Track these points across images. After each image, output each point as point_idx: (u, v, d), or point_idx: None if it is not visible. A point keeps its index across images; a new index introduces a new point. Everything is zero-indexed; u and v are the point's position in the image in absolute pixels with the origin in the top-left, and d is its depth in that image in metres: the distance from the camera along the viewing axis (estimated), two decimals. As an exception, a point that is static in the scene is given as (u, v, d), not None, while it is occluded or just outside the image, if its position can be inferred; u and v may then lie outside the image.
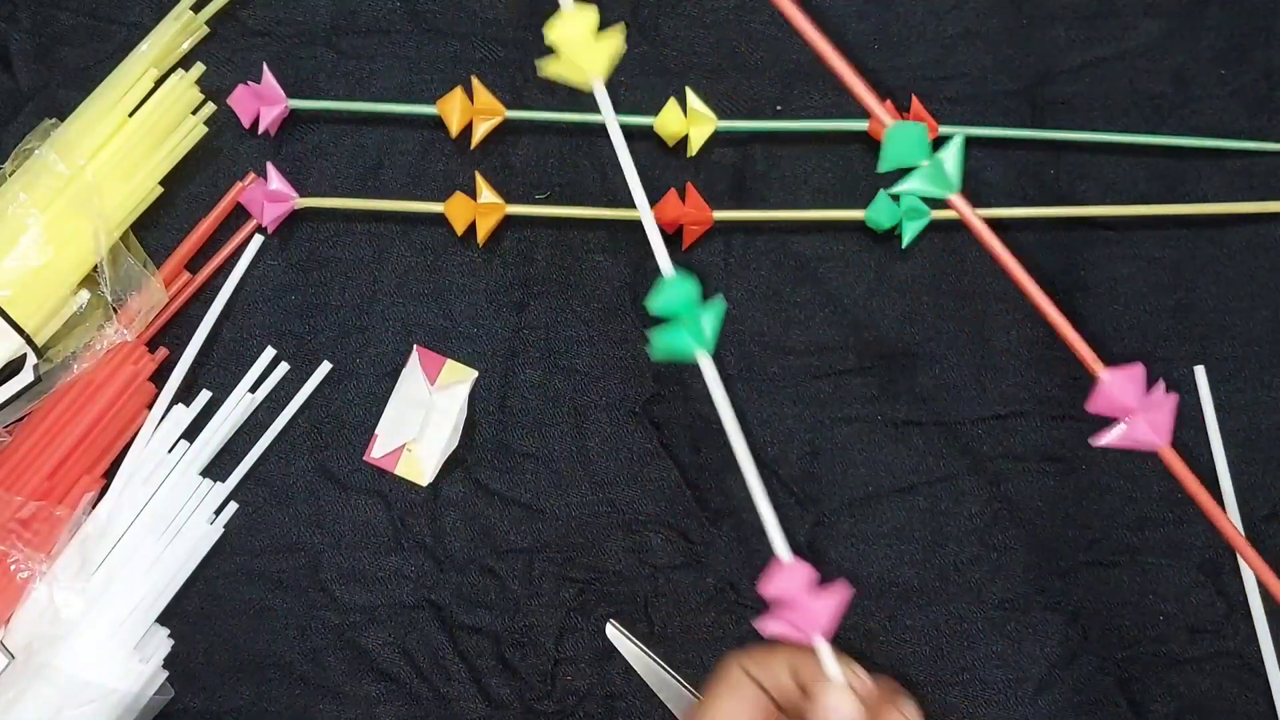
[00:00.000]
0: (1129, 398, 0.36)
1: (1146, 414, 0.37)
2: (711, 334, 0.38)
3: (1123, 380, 0.37)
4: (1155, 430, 0.37)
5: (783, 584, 0.38)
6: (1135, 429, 0.37)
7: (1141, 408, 0.37)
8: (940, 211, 0.53)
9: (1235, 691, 0.51)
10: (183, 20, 0.55)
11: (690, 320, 0.38)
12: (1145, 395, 0.37)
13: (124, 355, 0.52)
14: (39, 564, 0.50)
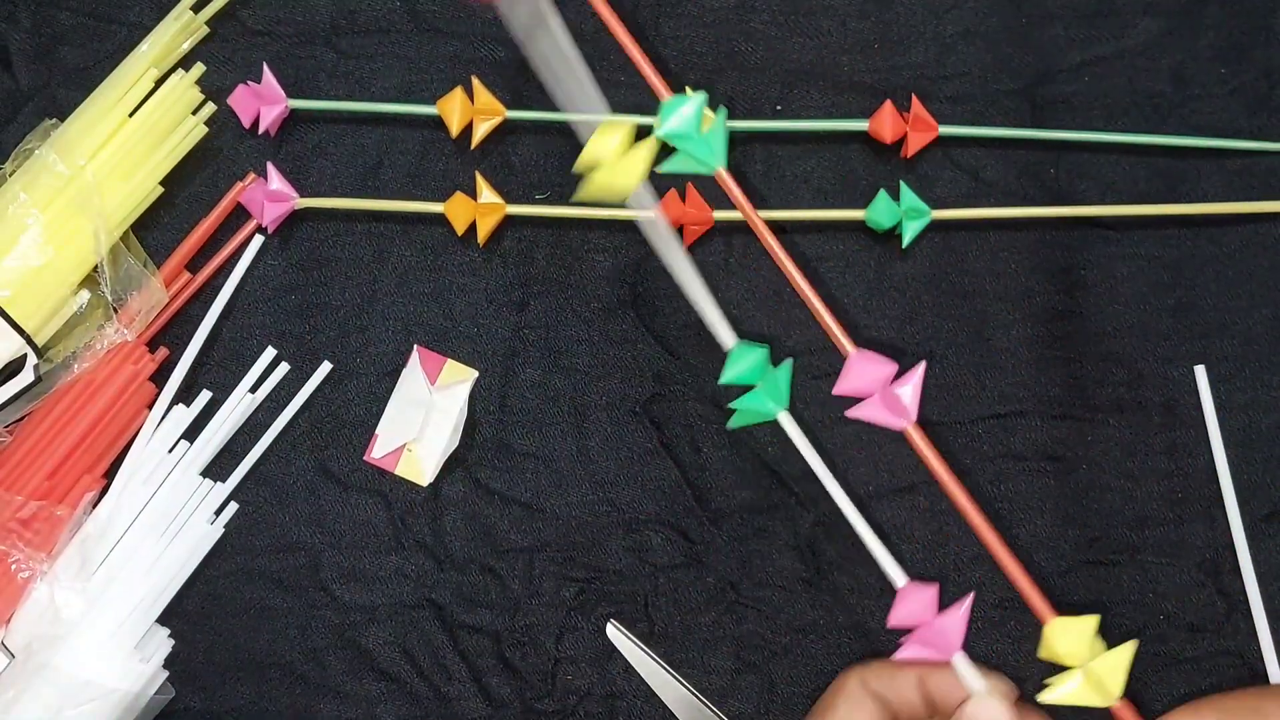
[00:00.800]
0: (870, 379, 0.38)
1: (885, 395, 0.39)
2: (787, 391, 0.39)
3: (866, 361, 0.38)
4: (895, 411, 0.38)
5: (909, 609, 0.38)
6: (876, 408, 0.39)
7: (881, 388, 0.39)
8: (940, 211, 0.53)
9: (1235, 691, 0.51)
10: (183, 20, 0.55)
11: (767, 384, 0.38)
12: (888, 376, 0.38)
13: (124, 355, 0.52)
14: (39, 564, 0.50)
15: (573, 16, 0.56)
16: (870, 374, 0.39)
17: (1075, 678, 0.37)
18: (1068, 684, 0.37)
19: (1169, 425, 0.53)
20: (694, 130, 0.39)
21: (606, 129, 0.38)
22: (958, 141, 0.54)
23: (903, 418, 0.39)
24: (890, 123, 0.53)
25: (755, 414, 0.39)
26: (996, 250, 0.54)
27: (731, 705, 0.51)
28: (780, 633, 0.52)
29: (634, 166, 0.38)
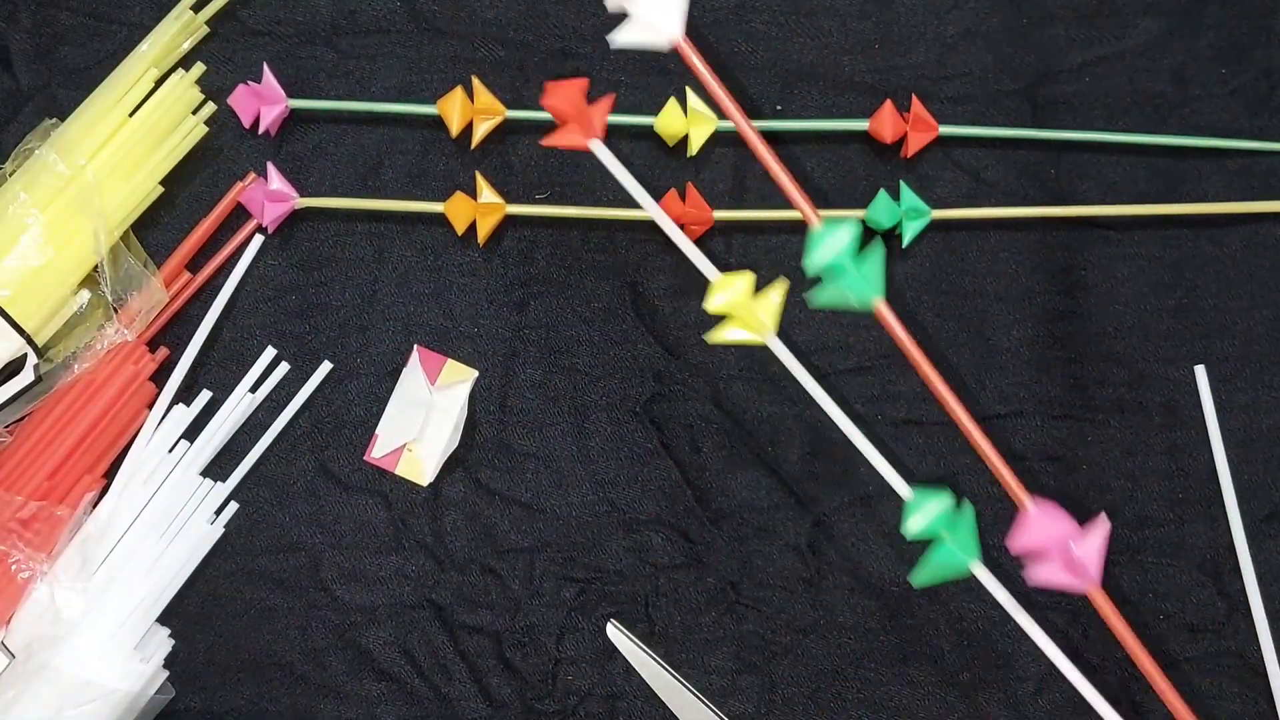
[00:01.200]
0: (1049, 537, 0.36)
1: (1066, 558, 0.36)
2: (974, 539, 0.37)
3: (1046, 517, 0.36)
4: (1076, 573, 0.35)
5: (1037, 532, 0.36)
6: (1056, 571, 0.36)
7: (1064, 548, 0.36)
8: (940, 211, 0.53)
9: (1235, 691, 0.51)
10: (183, 20, 0.55)
11: (955, 534, 0.37)
12: (1070, 533, 0.36)
13: (124, 355, 0.52)
14: (39, 564, 0.50)
15: (572, 17, 0.56)
16: (1049, 531, 0.36)
17: (733, 324, 0.38)
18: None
19: (1169, 425, 0.53)
20: (848, 261, 0.37)
21: (727, 279, 0.38)
22: (958, 141, 0.54)
23: (1084, 579, 0.36)
24: (890, 123, 0.53)
25: (943, 571, 0.37)
26: (996, 250, 0.54)
27: (731, 705, 0.51)
28: (780, 633, 0.52)
29: (768, 309, 0.38)
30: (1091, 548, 0.35)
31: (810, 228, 0.37)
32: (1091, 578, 0.35)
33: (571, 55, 0.56)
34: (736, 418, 0.53)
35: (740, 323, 0.38)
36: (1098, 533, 0.35)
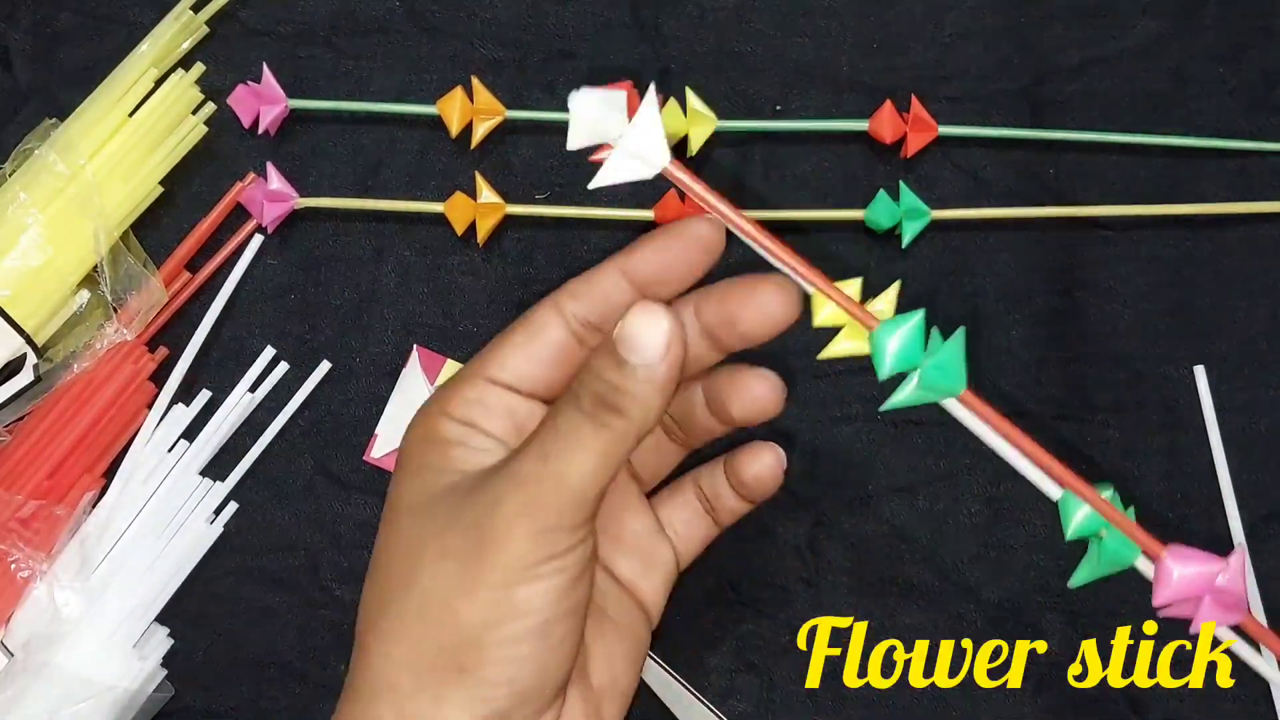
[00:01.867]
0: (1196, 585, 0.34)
1: (1214, 595, 0.34)
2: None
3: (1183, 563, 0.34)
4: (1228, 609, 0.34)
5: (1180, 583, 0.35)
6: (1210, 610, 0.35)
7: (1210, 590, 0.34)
8: (940, 211, 0.53)
9: (1235, 691, 0.51)
10: (183, 20, 0.55)
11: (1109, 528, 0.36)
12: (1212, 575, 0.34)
13: (124, 355, 0.52)
14: (39, 563, 0.50)
15: (572, 17, 0.56)
16: (1192, 576, 0.35)
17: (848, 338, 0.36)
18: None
19: (1168, 425, 0.53)
20: (922, 356, 0.34)
21: (819, 299, 0.35)
22: (958, 141, 0.55)
23: (1238, 612, 0.35)
24: (890, 123, 0.53)
25: (1110, 563, 0.36)
26: (996, 250, 0.54)
27: (732, 705, 0.51)
28: (780, 633, 0.52)
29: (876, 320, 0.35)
30: (1235, 576, 0.34)
31: (869, 332, 0.34)
32: (1243, 607, 0.34)
33: (571, 55, 0.56)
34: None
35: (852, 333, 0.35)
36: (1236, 560, 0.34)
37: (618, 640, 0.35)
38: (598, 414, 0.31)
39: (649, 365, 0.31)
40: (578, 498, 0.31)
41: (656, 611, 0.37)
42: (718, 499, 0.36)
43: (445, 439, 0.33)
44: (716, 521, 0.37)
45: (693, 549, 0.37)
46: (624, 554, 0.36)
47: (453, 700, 0.31)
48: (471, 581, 0.30)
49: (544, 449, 0.31)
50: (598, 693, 0.34)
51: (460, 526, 0.31)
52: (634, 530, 0.36)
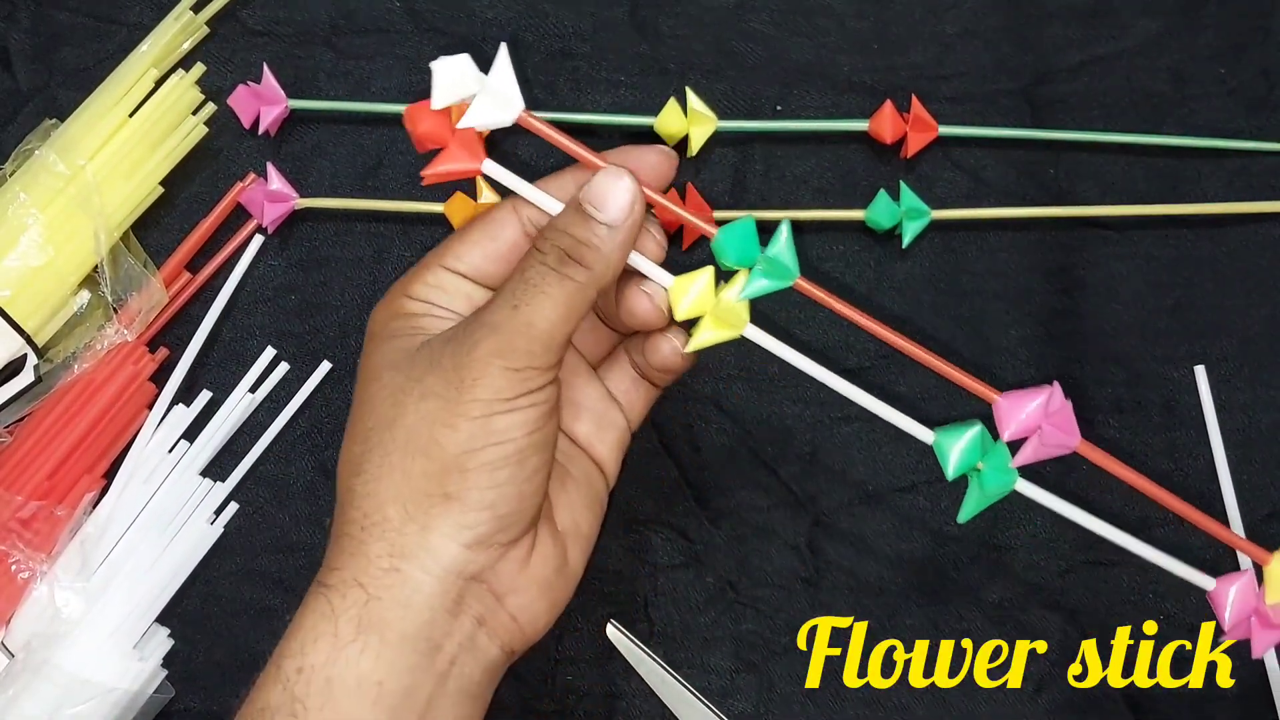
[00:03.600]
0: (1029, 416, 0.37)
1: (1048, 424, 0.38)
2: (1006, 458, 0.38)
3: (1016, 402, 0.37)
4: (1064, 433, 0.37)
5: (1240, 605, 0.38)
6: (1045, 440, 0.38)
7: (1044, 421, 0.38)
8: (940, 211, 0.53)
9: (1235, 691, 0.51)
10: (183, 20, 0.55)
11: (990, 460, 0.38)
12: (1044, 409, 0.37)
13: (124, 355, 0.52)
14: (39, 564, 0.50)
15: (572, 17, 0.57)
16: (1022, 409, 0.38)
17: (708, 324, 0.37)
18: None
19: (1169, 425, 0.53)
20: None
21: (685, 281, 0.37)
22: (957, 141, 0.55)
23: (1072, 436, 0.38)
24: (890, 123, 0.53)
25: (992, 493, 0.38)
26: (996, 250, 0.55)
27: (731, 705, 0.51)
28: (780, 633, 0.52)
29: (735, 300, 0.37)
30: (1056, 399, 0.38)
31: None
32: (1074, 433, 0.38)
33: (571, 55, 0.56)
34: (736, 418, 0.53)
35: (716, 322, 0.37)
36: (1056, 389, 0.38)
37: (578, 492, 0.38)
38: (563, 266, 0.34)
39: (613, 222, 0.35)
40: (546, 341, 0.34)
41: (612, 470, 0.40)
42: (648, 369, 0.38)
43: (411, 313, 0.36)
44: (654, 385, 0.41)
45: (639, 411, 0.41)
46: (580, 418, 0.39)
47: (439, 528, 0.34)
48: (453, 414, 0.33)
49: (514, 299, 0.34)
50: (564, 536, 0.37)
51: (440, 370, 0.34)
52: (587, 396, 0.40)
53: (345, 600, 0.34)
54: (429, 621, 0.34)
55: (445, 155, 0.37)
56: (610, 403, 0.40)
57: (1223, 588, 0.38)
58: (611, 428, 0.40)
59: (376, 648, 0.34)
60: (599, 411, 0.40)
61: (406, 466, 0.34)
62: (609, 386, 0.40)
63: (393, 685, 0.33)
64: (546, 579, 0.36)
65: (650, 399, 0.41)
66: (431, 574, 0.34)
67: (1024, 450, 0.38)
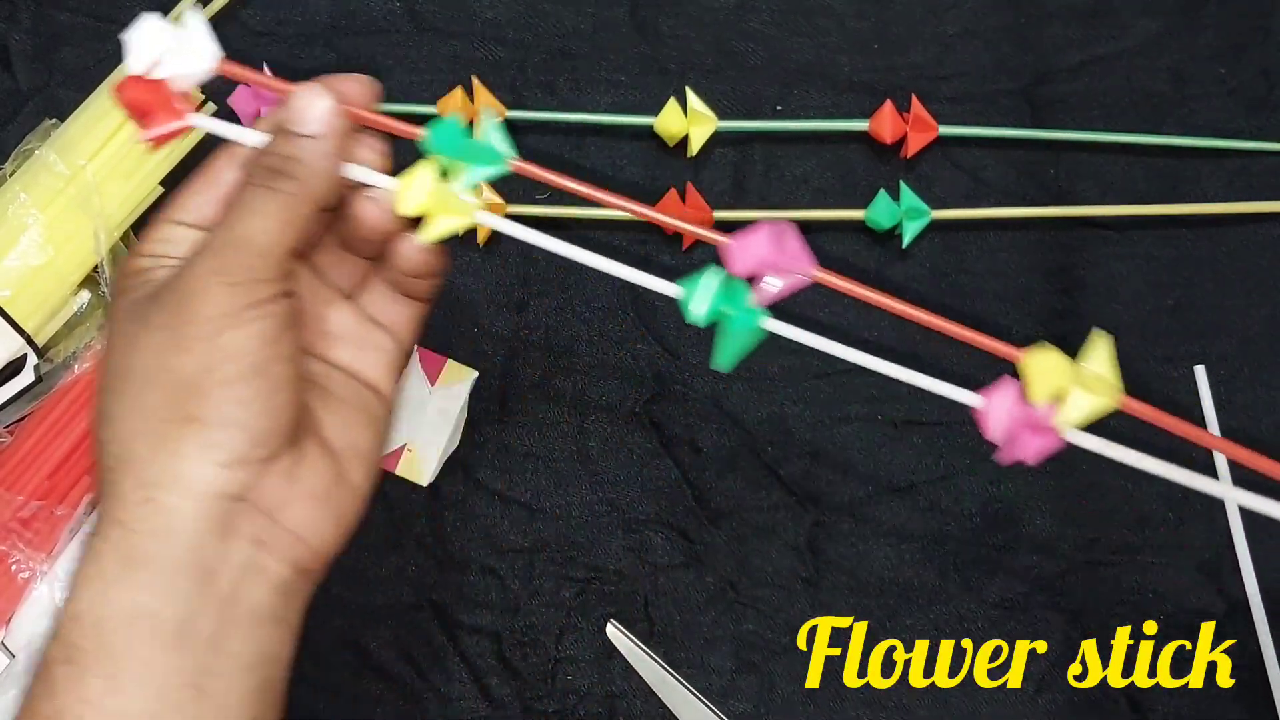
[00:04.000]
0: (760, 250, 0.37)
1: (780, 257, 0.37)
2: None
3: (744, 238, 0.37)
4: (799, 263, 0.37)
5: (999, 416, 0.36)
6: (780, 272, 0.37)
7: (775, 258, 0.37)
8: (940, 211, 0.53)
9: (1235, 691, 0.51)
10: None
11: (734, 303, 0.38)
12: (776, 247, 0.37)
13: (124, 355, 0.52)
14: (39, 564, 0.50)
15: (571, 17, 0.57)
16: (750, 245, 0.37)
17: (1076, 395, 0.36)
18: (1075, 403, 0.36)
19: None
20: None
21: (408, 176, 0.37)
22: (958, 141, 0.55)
23: (806, 265, 0.37)
24: (890, 123, 0.53)
25: (744, 336, 0.38)
26: (996, 250, 0.55)
27: (731, 705, 0.51)
28: (780, 633, 0.52)
29: (462, 196, 0.38)
30: (788, 235, 0.37)
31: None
32: (806, 260, 0.37)
33: (571, 55, 0.56)
34: (736, 418, 0.53)
35: (443, 211, 0.38)
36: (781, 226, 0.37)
37: (349, 412, 0.38)
38: (271, 181, 0.35)
39: (312, 133, 0.36)
40: (263, 253, 0.34)
41: (387, 390, 0.40)
42: (401, 281, 0.40)
43: (141, 268, 0.37)
44: (416, 299, 0.41)
45: (406, 329, 0.41)
46: (338, 345, 0.40)
47: (188, 452, 0.33)
48: (180, 339, 0.34)
49: (228, 221, 0.35)
50: (339, 453, 0.37)
51: (162, 303, 0.34)
52: (342, 323, 0.40)
53: (108, 541, 0.34)
54: (196, 547, 0.33)
55: (152, 117, 0.38)
56: (371, 326, 0.40)
57: (989, 402, 0.37)
58: (375, 349, 0.40)
59: (144, 580, 0.33)
60: (359, 336, 0.40)
61: (145, 401, 0.34)
62: (369, 311, 0.41)
63: (169, 614, 0.33)
64: (321, 491, 0.36)
65: (416, 315, 0.41)
66: (188, 499, 0.33)
67: (764, 290, 0.38)
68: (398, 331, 0.40)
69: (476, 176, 0.38)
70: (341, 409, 0.38)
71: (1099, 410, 0.36)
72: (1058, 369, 0.36)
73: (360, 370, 0.39)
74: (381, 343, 0.40)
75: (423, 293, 0.41)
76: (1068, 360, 0.36)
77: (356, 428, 0.38)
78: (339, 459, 0.37)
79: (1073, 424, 0.37)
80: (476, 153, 0.38)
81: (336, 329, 0.40)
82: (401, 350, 0.41)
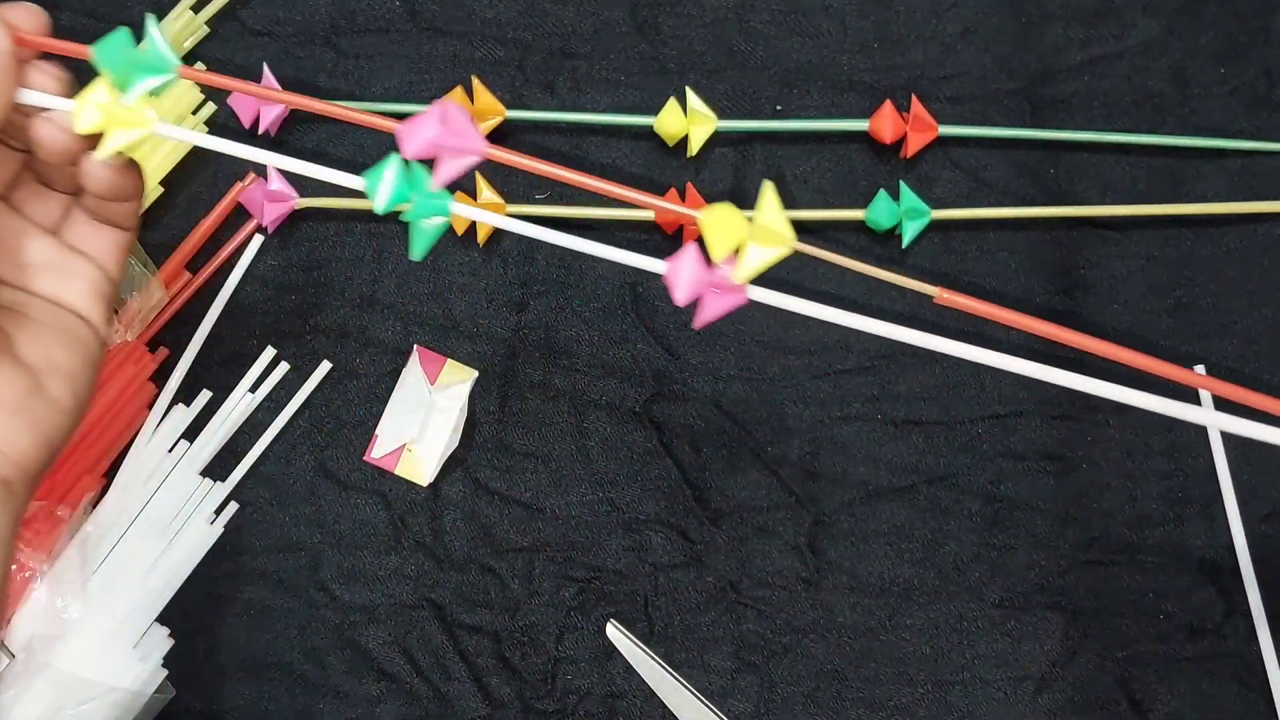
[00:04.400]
0: (427, 131, 0.37)
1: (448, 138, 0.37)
2: None
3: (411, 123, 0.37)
4: (467, 140, 0.37)
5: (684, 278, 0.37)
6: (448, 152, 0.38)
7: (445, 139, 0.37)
8: (940, 211, 0.53)
9: (1235, 691, 0.51)
10: (183, 20, 0.55)
11: (418, 189, 0.38)
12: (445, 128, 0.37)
13: (124, 355, 0.52)
14: (39, 564, 0.50)
15: (571, 16, 0.57)
16: (424, 131, 0.38)
17: (751, 248, 0.36)
18: (749, 256, 0.36)
19: (1169, 425, 0.53)
20: (128, 57, 0.38)
21: (84, 93, 0.37)
22: (958, 141, 0.55)
23: (474, 141, 0.38)
24: (890, 123, 0.53)
25: (433, 230, 0.38)
26: (996, 250, 0.55)
27: (731, 705, 0.51)
28: (780, 633, 0.52)
29: (135, 108, 0.38)
30: (455, 116, 0.38)
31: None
32: (475, 138, 0.38)
33: (571, 55, 0.56)
34: (736, 418, 0.53)
35: (118, 124, 0.38)
36: (449, 106, 0.38)
37: (49, 334, 0.40)
38: None
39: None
40: None
41: (96, 316, 0.41)
42: (96, 206, 0.41)
43: None
44: (116, 225, 0.42)
45: (110, 255, 0.42)
46: (38, 276, 0.41)
47: None
48: None
49: None
50: (35, 369, 0.39)
51: None
52: (40, 254, 0.41)
53: None
54: None
55: None
56: (72, 255, 0.41)
57: (673, 265, 0.37)
58: (77, 277, 0.41)
59: None
60: (58, 264, 0.41)
61: None
62: (71, 241, 0.41)
63: None
64: (14, 403, 0.38)
65: (119, 243, 0.42)
66: None
67: (439, 170, 0.38)
68: (101, 259, 0.41)
69: (145, 86, 0.38)
70: (39, 331, 0.40)
71: (773, 260, 0.36)
72: (731, 223, 0.36)
73: (63, 298, 0.41)
74: (84, 270, 0.41)
75: (122, 218, 0.41)
76: (740, 214, 0.36)
77: (56, 348, 0.40)
78: (35, 374, 0.39)
79: (750, 275, 0.36)
80: (145, 63, 0.38)
81: (36, 259, 0.41)
82: (106, 278, 0.42)
